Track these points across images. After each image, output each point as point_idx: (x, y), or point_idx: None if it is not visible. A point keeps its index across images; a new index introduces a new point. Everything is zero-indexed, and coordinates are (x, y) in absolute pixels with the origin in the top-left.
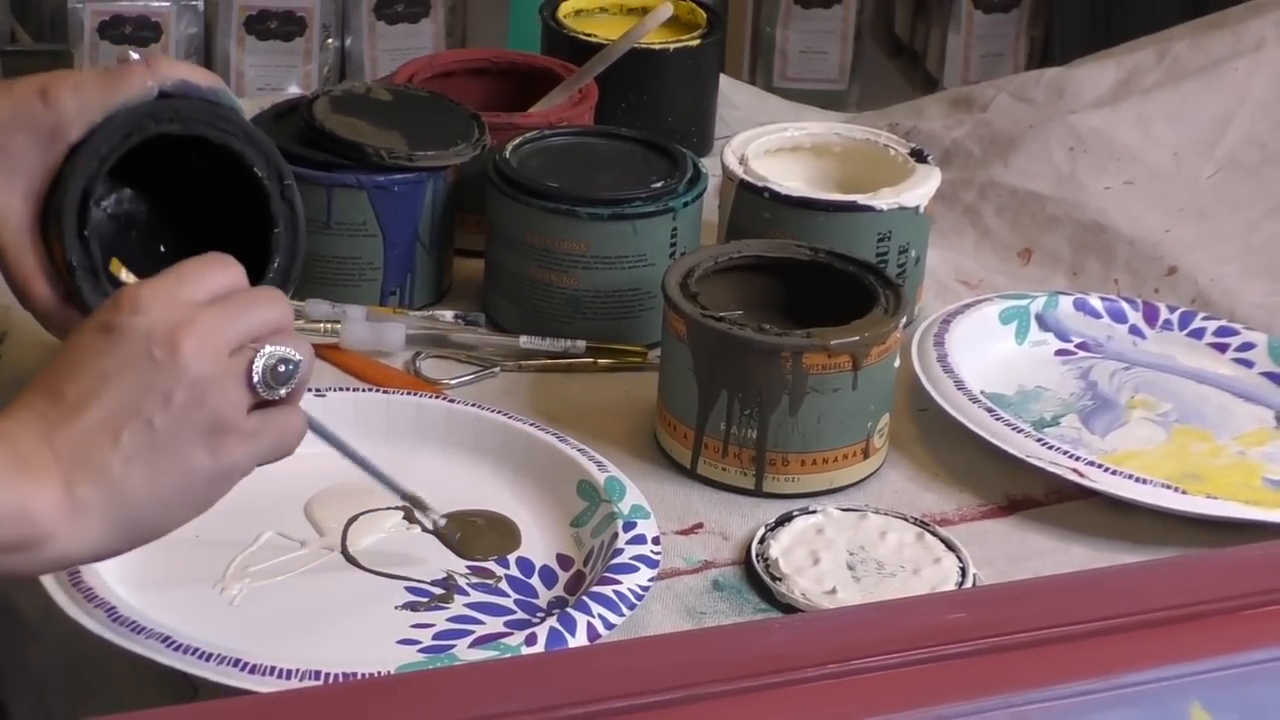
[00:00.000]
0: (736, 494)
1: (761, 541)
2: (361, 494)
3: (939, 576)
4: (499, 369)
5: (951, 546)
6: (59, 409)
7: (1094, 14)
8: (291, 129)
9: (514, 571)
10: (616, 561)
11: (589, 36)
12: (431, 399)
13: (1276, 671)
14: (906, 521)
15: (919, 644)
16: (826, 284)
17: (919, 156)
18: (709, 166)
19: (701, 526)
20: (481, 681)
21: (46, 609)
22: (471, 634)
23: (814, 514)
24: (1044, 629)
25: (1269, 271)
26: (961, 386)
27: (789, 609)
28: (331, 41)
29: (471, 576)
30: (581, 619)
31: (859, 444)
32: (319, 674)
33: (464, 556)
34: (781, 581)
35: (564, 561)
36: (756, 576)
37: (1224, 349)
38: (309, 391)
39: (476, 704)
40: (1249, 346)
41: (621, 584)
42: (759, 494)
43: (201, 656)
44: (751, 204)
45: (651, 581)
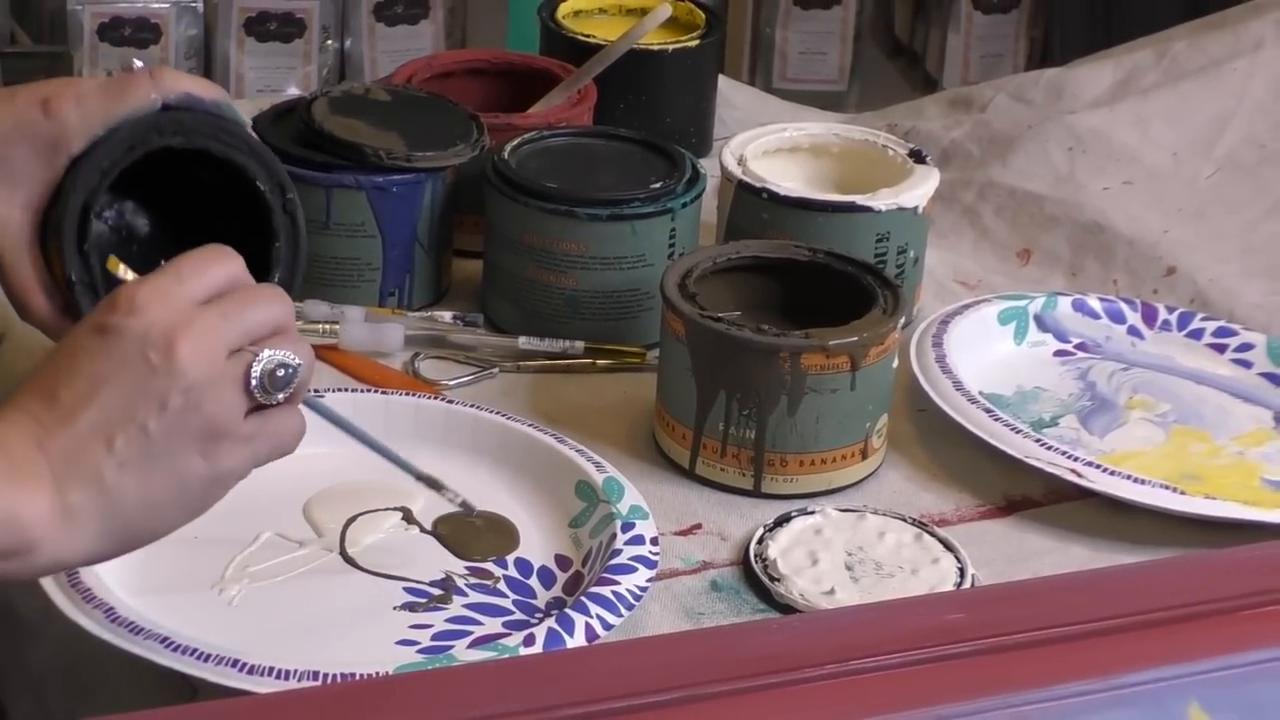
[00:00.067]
0: (735, 494)
1: (760, 542)
2: (360, 495)
3: (937, 577)
4: (497, 370)
5: (950, 547)
6: (53, 413)
7: (1093, 14)
8: (290, 130)
9: (512, 572)
10: (615, 562)
11: (588, 37)
12: (430, 400)
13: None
14: (905, 522)
15: (917, 644)
16: (825, 284)
17: (917, 157)
18: (708, 167)
19: (700, 527)
20: (480, 682)
21: (45, 610)
22: (470, 635)
23: (812, 514)
24: (1042, 629)
25: (1268, 272)
26: (960, 387)
27: (787, 609)
28: (331, 43)
29: (470, 577)
30: (580, 619)
31: (857, 444)
32: (317, 674)
33: (463, 557)
34: (780, 582)
35: (562, 562)
36: (755, 577)
37: (1223, 349)
38: (309, 391)
39: (475, 704)
40: (1248, 347)
41: (620, 584)
42: (757, 494)
43: (200, 657)
44: (750, 204)
45: (650, 582)
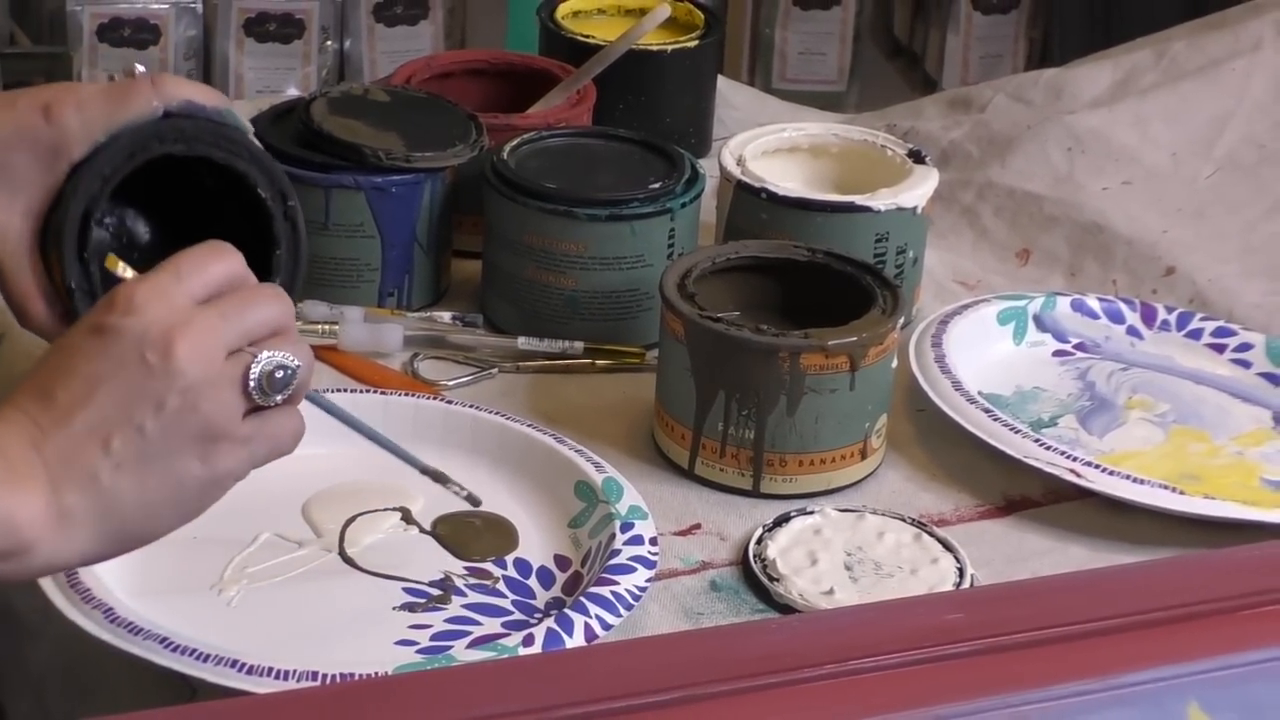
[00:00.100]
0: (734, 494)
1: (759, 542)
2: (359, 495)
3: (936, 577)
4: (497, 370)
5: (949, 547)
6: (49, 414)
7: (1093, 15)
8: (289, 130)
9: (511, 572)
10: (614, 562)
11: (587, 38)
12: (429, 400)
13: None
14: (904, 522)
15: (917, 644)
16: (824, 285)
17: (916, 157)
18: (707, 167)
19: (699, 527)
20: (479, 682)
21: (44, 610)
22: (469, 635)
23: (811, 514)
24: (1042, 629)
25: (1267, 272)
26: (959, 387)
27: (786, 609)
28: (330, 44)
29: (469, 577)
30: (579, 620)
31: (856, 444)
32: (316, 675)
33: (462, 557)
34: (779, 582)
35: (561, 562)
36: (754, 577)
37: (1222, 349)
38: None
39: (474, 704)
40: (1247, 347)
41: (619, 585)
42: (756, 494)
43: (199, 657)
44: (749, 205)
45: (649, 582)
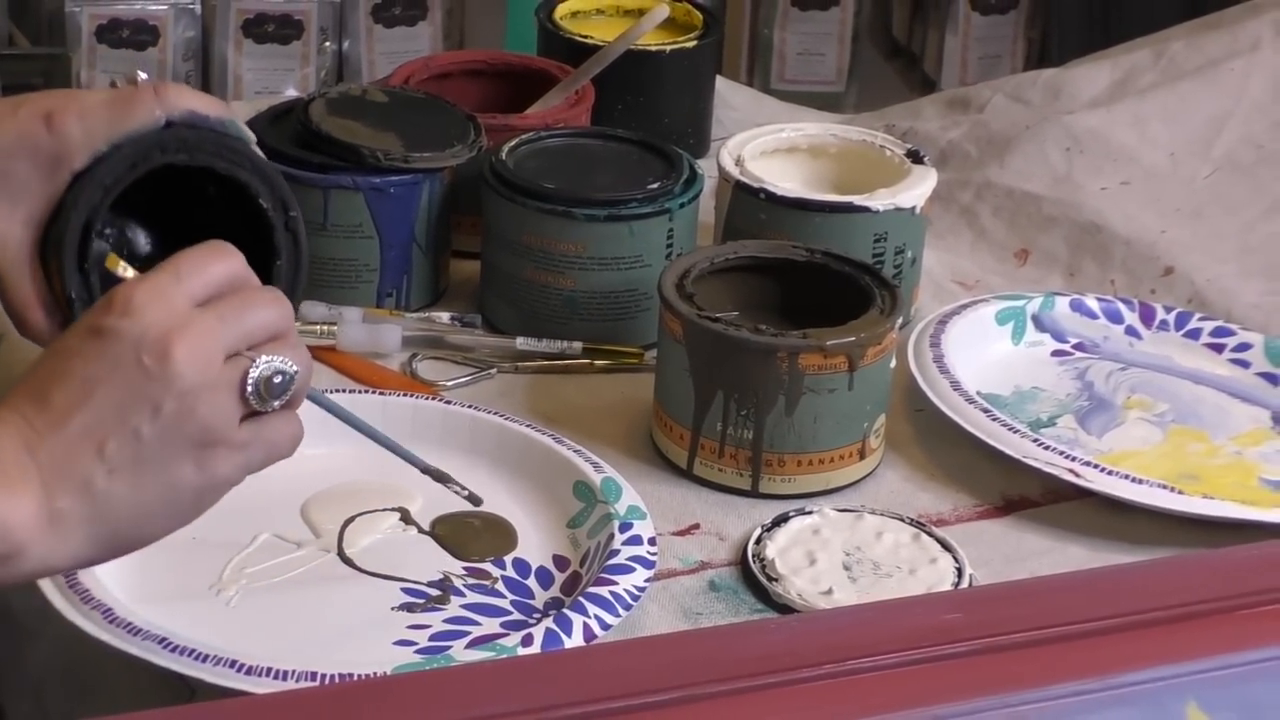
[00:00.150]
0: (733, 495)
1: (758, 542)
2: (358, 496)
3: (935, 577)
4: (495, 370)
5: (948, 547)
6: (44, 416)
7: (1091, 15)
8: (288, 131)
9: (510, 572)
10: (613, 562)
11: (585, 38)
12: (428, 400)
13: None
14: (903, 522)
15: (915, 644)
16: (823, 285)
17: (915, 157)
18: (705, 168)
19: (698, 527)
20: (478, 682)
21: (43, 611)
22: (468, 635)
23: (810, 514)
24: (1040, 629)
25: (1265, 271)
26: (958, 387)
27: (785, 609)
28: (329, 45)
29: (468, 578)
30: (578, 620)
31: (855, 444)
32: (315, 675)
33: (460, 557)
34: (778, 582)
35: (560, 562)
36: (753, 577)
37: (1220, 349)
38: None
39: (473, 704)
40: (1245, 347)
41: (618, 585)
42: (755, 495)
43: (198, 658)
44: (748, 205)
45: (648, 582)
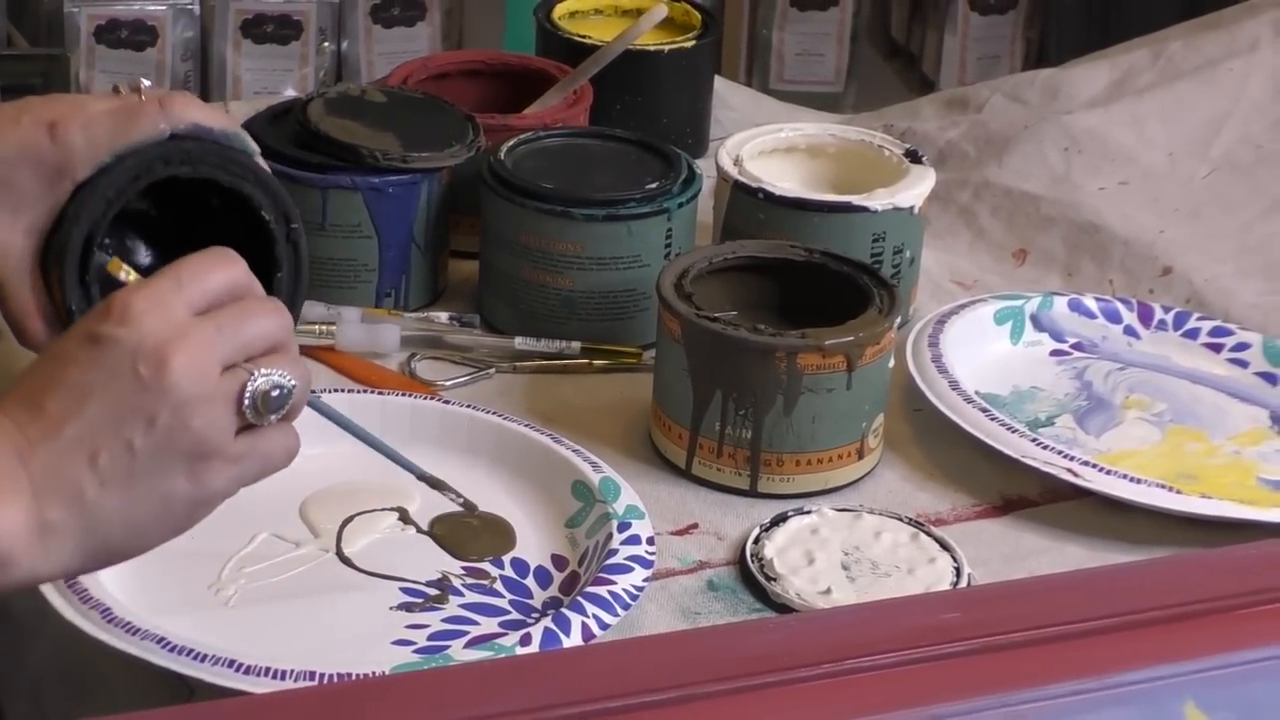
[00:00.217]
0: (731, 494)
1: (756, 542)
2: (356, 495)
3: (934, 576)
4: (494, 370)
5: (946, 546)
6: (37, 424)
7: (1090, 15)
8: (286, 131)
9: (509, 572)
10: (611, 562)
11: (584, 38)
12: (426, 400)
13: (1272, 670)
14: (901, 521)
15: (914, 644)
16: (821, 285)
17: (913, 157)
18: (704, 168)
19: (696, 527)
20: (476, 682)
21: (42, 611)
22: (466, 634)
23: (809, 514)
24: (1039, 628)
25: (1264, 271)
26: (956, 387)
27: (784, 609)
28: (328, 45)
29: (466, 577)
30: (576, 619)
31: (854, 444)
32: (314, 675)
33: (459, 557)
34: (776, 581)
35: (559, 562)
36: (751, 577)
37: (1219, 349)
38: None
39: (471, 704)
40: (1244, 347)
41: (616, 584)
42: (754, 494)
43: (197, 657)
44: (746, 205)
45: (646, 582)
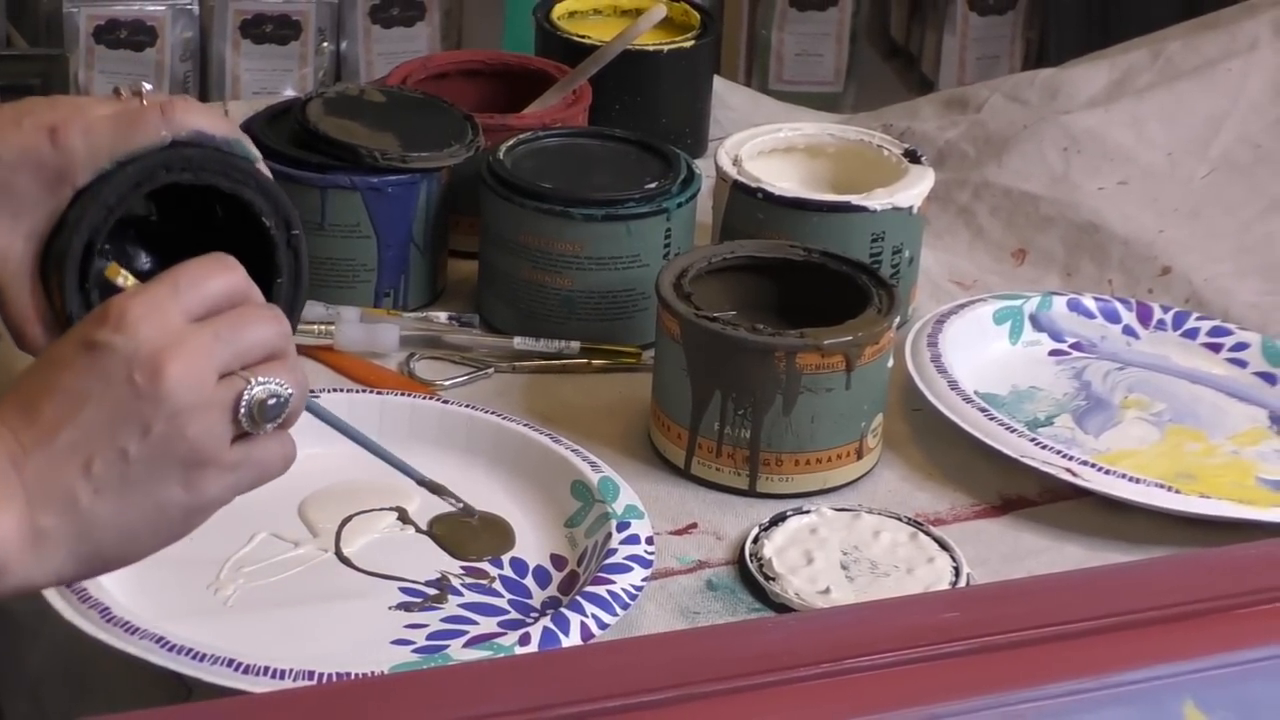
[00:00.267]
0: (730, 494)
1: (755, 541)
2: (355, 495)
3: (933, 576)
4: (493, 370)
5: (945, 546)
6: (32, 430)
7: (1089, 15)
8: (285, 131)
9: (508, 572)
10: (610, 561)
11: (583, 38)
12: (425, 400)
13: (1271, 670)
14: (900, 521)
15: (912, 643)
16: (820, 284)
17: (913, 157)
18: (703, 168)
19: (695, 526)
20: (475, 681)
21: (41, 611)
22: (465, 634)
23: (808, 514)
24: (1038, 628)
25: (1262, 271)
26: (955, 386)
27: (783, 609)
28: (327, 45)
29: (465, 577)
30: (575, 619)
31: (853, 444)
32: (313, 674)
33: (458, 556)
34: (775, 581)
35: (558, 561)
36: (750, 576)
37: (1218, 349)
38: None
39: (470, 704)
40: (1243, 346)
41: (615, 584)
42: (753, 494)
43: (196, 657)
44: (745, 205)
45: (645, 581)
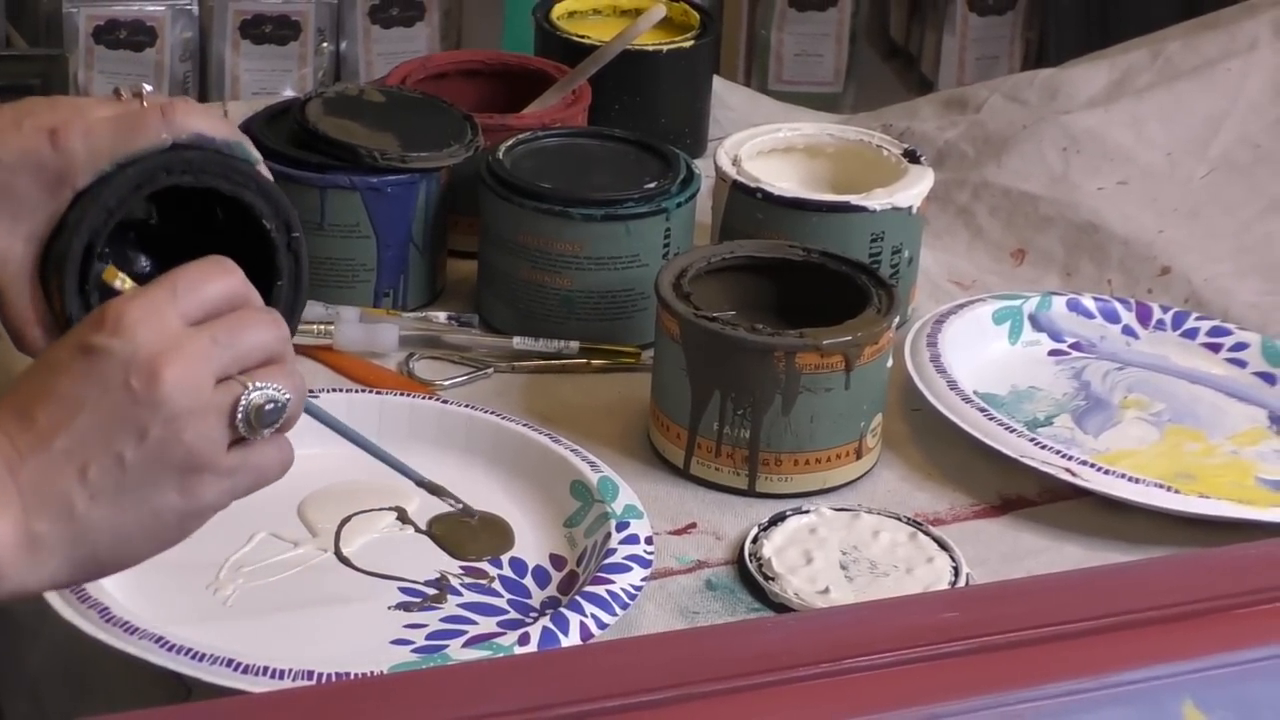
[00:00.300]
0: (729, 494)
1: (754, 541)
2: (355, 495)
3: (932, 576)
4: (492, 370)
5: (944, 546)
6: (27, 435)
7: (1088, 16)
8: (284, 131)
9: (507, 571)
10: (609, 561)
11: (582, 38)
12: (425, 400)
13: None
14: (899, 521)
15: (911, 643)
16: (819, 284)
17: (912, 157)
18: (702, 168)
19: (694, 526)
20: (474, 681)
21: (41, 611)
22: (464, 634)
23: (807, 514)
24: (1037, 628)
25: (1262, 271)
26: (954, 386)
27: (782, 609)
28: (326, 45)
29: (465, 577)
30: (574, 619)
31: (852, 444)
32: (312, 674)
33: (457, 556)
34: (774, 581)
35: (557, 561)
36: (749, 576)
37: (1217, 349)
38: None
39: (469, 703)
40: (1242, 346)
41: (614, 584)
42: (752, 494)
43: (195, 657)
44: (744, 205)
45: (644, 581)
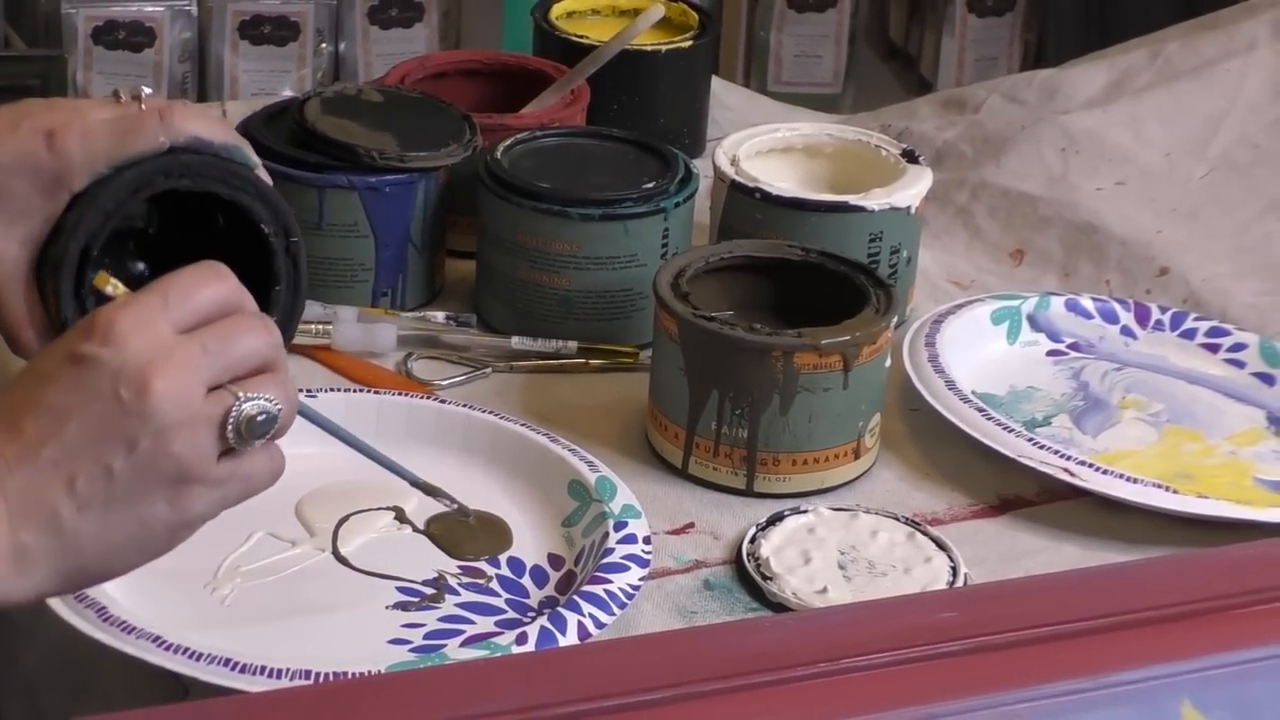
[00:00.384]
0: (727, 494)
1: (752, 541)
2: (352, 494)
3: (930, 576)
4: (490, 370)
5: (943, 546)
6: (14, 445)
7: (1088, 17)
8: (283, 130)
9: (505, 571)
10: (607, 561)
11: (581, 38)
12: (423, 400)
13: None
14: (898, 521)
15: (909, 643)
16: (818, 284)
17: (910, 157)
18: (701, 168)
19: (692, 526)
20: (472, 680)
21: (37, 610)
22: (462, 633)
23: (805, 513)
24: (1035, 628)
25: (1260, 272)
26: (953, 386)
27: (780, 608)
28: (325, 46)
29: (462, 576)
30: (572, 618)
31: (850, 444)
32: (309, 674)
33: (455, 556)
34: (772, 581)
35: (555, 561)
36: (747, 576)
37: (1216, 349)
38: (301, 392)
39: (467, 703)
40: (1240, 347)
41: (612, 583)
42: (750, 494)
43: (192, 656)
44: (743, 205)
45: (642, 581)
